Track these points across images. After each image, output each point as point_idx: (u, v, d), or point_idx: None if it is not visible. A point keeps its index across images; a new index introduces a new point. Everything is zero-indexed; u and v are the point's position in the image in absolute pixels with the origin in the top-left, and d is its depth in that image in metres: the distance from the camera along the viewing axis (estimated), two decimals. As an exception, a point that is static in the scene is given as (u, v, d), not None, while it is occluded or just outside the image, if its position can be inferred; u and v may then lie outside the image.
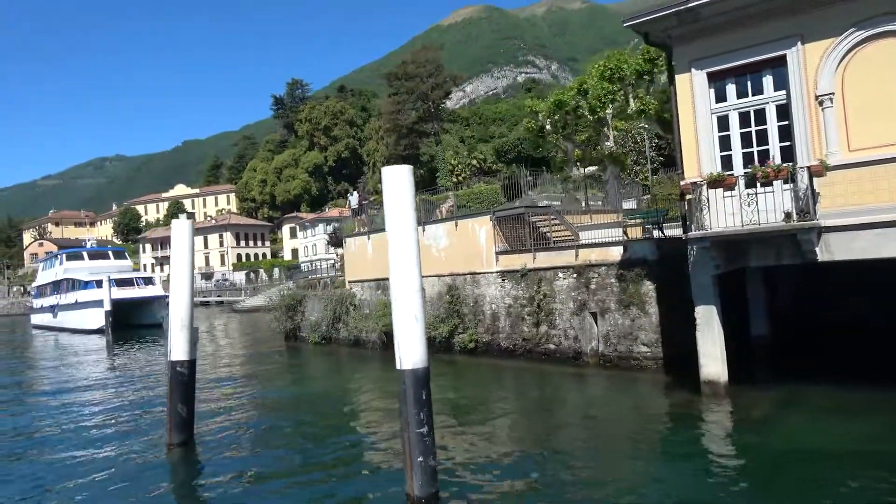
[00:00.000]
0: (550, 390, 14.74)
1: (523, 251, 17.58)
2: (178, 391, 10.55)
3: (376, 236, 22.62)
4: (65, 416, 14.04)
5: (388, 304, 21.51)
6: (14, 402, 16.77)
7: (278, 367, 21.57)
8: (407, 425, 7.26)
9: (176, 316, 10.72)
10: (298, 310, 26.31)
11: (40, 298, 52.29)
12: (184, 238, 11.02)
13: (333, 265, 58.19)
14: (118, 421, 13.40)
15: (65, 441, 11.73)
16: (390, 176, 7.71)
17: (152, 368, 22.30)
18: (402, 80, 67.13)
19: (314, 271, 53.27)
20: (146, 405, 14.98)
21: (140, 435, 11.94)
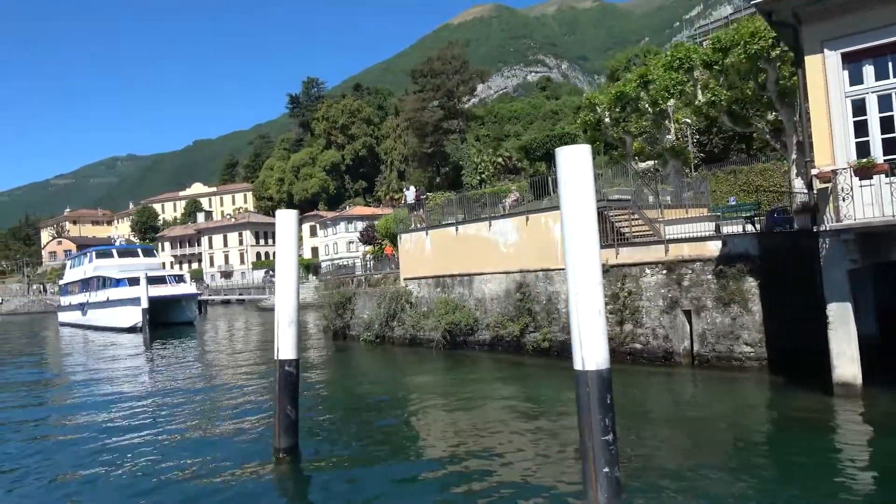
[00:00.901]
0: (640, 392, 14.02)
1: (605, 246, 16.79)
2: (286, 392, 9.89)
3: (435, 232, 21.96)
4: (150, 421, 13.35)
5: (450, 302, 20.99)
6: (91, 407, 15.45)
7: (341, 365, 20.95)
8: (590, 432, 6.56)
9: (283, 312, 10.08)
10: (348, 308, 25.68)
11: (68, 296, 52.00)
12: (289, 229, 10.38)
13: (365, 264, 57.69)
14: (211, 425, 12.65)
15: (159, 447, 11.08)
16: (568, 157, 6.98)
17: (216, 369, 21.73)
18: (428, 77, 66.45)
19: (347, 268, 52.39)
20: (233, 407, 14.29)
21: (240, 438, 11.30)
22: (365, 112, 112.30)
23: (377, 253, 64.66)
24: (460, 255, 20.81)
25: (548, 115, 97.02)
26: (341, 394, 15.88)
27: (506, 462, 9.26)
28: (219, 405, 14.63)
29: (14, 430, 13.13)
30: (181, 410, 14.15)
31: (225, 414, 13.62)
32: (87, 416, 14.06)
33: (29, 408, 15.79)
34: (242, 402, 14.76)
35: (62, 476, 9.71)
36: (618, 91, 23.80)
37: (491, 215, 20.12)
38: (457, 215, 21.60)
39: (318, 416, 13.12)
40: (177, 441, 11.39)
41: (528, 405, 13.16)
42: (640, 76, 24.11)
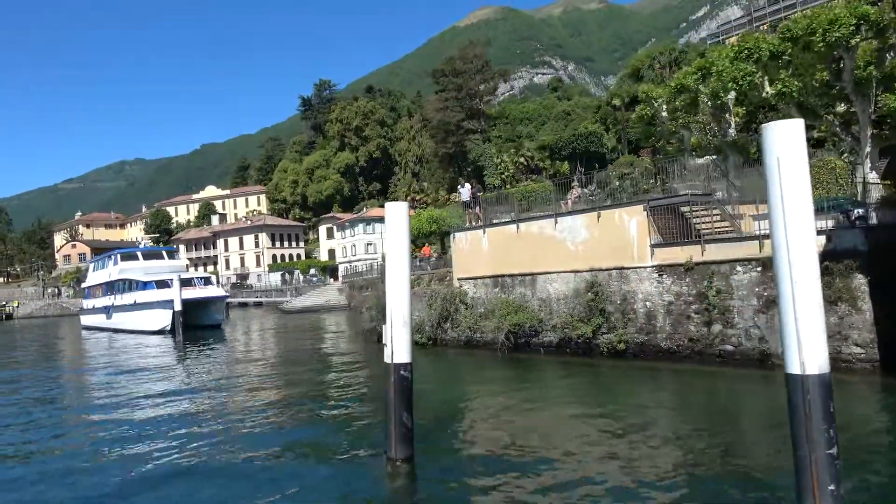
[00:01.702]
0: (734, 396, 13.27)
1: (688, 243, 16.04)
2: (401, 398, 9.15)
3: (493, 230, 21.20)
4: (240, 428, 12.56)
5: (511, 303, 20.23)
6: (170, 416, 14.15)
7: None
8: (811, 444, 5.77)
9: (397, 311, 9.36)
10: (395, 309, 24.89)
11: (91, 299, 51.46)
12: (401, 223, 9.67)
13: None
14: (304, 437, 11.79)
15: (257, 459, 10.31)
16: (782, 135, 6.16)
17: (274, 375, 21.01)
18: (449, 77, 65.76)
19: (364, 271, 51.94)
20: (316, 416, 13.51)
21: (342, 449, 10.54)
22: (378, 114, 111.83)
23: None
24: (521, 254, 20.05)
25: (560, 116, 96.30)
26: (423, 400, 15.06)
27: (644, 476, 8.46)
28: (300, 415, 13.82)
29: (104, 448, 12.42)
30: (265, 423, 13.15)
31: (314, 424, 12.82)
32: (167, 429, 13.16)
33: (99, 417, 15.07)
34: (326, 410, 14.01)
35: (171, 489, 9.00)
36: (677, 84, 23.01)
37: (557, 212, 19.32)
38: (517, 213, 20.83)
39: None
40: (278, 455, 10.53)
41: (632, 408, 12.41)
42: (698, 68, 23.30)
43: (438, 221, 37.62)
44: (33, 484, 9.45)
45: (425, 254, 35.85)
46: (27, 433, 13.05)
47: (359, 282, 48.34)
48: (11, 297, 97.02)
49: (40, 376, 23.34)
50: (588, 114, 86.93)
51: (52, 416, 14.87)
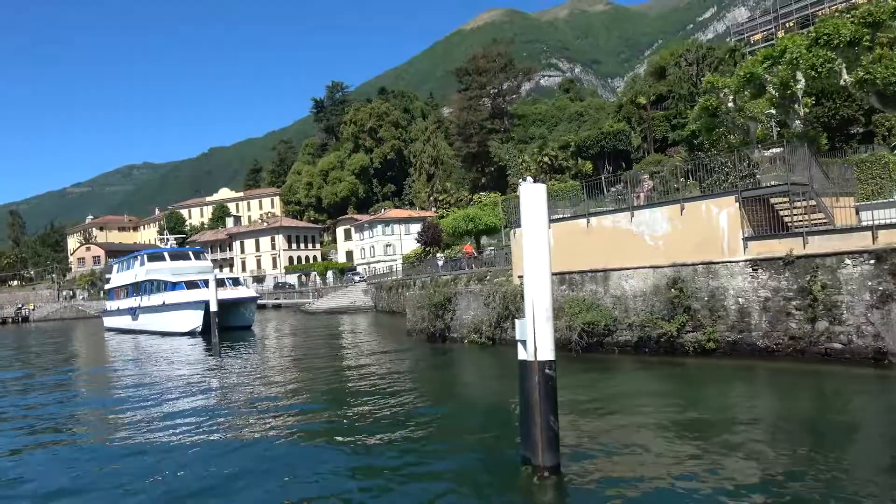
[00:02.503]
0: (845, 396, 12.39)
1: (788, 235, 15.16)
2: (547, 400, 8.31)
3: (559, 225, 20.31)
4: (353, 442, 11.70)
5: (580, 301, 19.35)
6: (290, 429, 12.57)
7: (483, 370, 19.28)
8: None
9: (539, 303, 8.54)
10: (448, 308, 24.09)
11: (116, 301, 50.81)
12: (539, 206, 8.88)
13: (415, 263, 56.07)
14: (424, 443, 10.97)
15: (383, 475, 9.49)
16: None
17: (342, 375, 20.17)
18: (473, 76, 64.94)
19: (386, 272, 50.82)
20: (429, 420, 12.63)
21: (471, 458, 9.68)
22: (393, 115, 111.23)
23: (423, 254, 63.10)
24: (592, 250, 19.18)
25: (573, 117, 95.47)
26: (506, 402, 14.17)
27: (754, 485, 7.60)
28: (414, 425, 12.80)
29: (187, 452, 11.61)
30: (374, 435, 12.16)
31: (433, 433, 11.86)
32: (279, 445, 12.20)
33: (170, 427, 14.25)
34: (433, 416, 13.11)
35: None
36: (746, 72, 22.14)
37: (633, 205, 18.46)
38: (587, 206, 19.95)
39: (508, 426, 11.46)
40: (403, 469, 9.67)
41: (732, 409, 11.59)
42: (766, 56, 22.44)
43: (475, 220, 36.72)
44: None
45: (467, 252, 34.96)
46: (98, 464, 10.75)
47: (387, 282, 47.51)
48: (26, 299, 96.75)
49: (96, 385, 22.57)
50: (602, 114, 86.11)
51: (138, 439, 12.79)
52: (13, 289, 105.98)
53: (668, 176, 51.33)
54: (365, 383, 17.35)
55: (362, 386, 17.00)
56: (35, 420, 15.13)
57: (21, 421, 15.07)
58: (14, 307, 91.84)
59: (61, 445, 12.31)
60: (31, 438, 13.12)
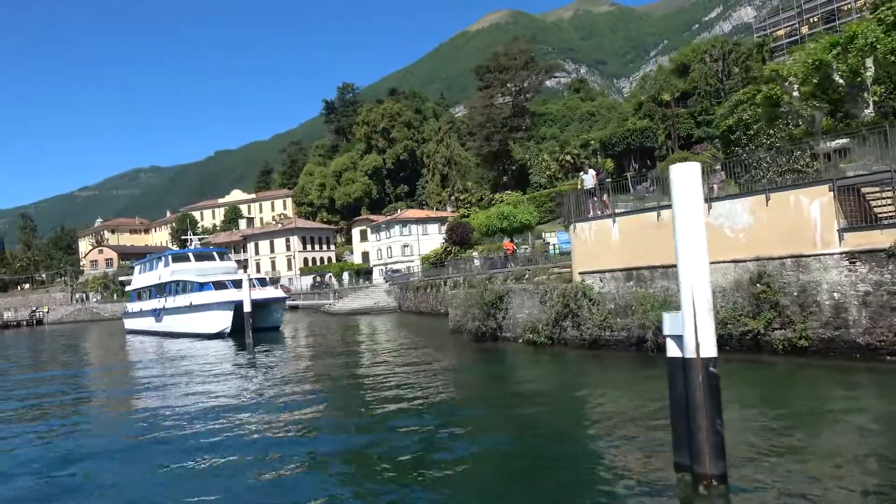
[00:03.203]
0: None
1: (892, 226, 14.26)
2: (712, 401, 7.46)
3: (625, 219, 19.48)
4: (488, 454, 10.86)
5: (651, 297, 18.49)
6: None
7: (548, 373, 18.38)
8: None
9: (700, 294, 7.69)
10: (500, 307, 23.24)
11: (138, 302, 50.14)
12: (694, 190, 8.01)
13: (436, 263, 55.28)
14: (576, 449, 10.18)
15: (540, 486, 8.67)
16: None
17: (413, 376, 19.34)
18: (495, 73, 64.13)
19: (407, 273, 49.95)
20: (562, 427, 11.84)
21: (621, 466, 8.86)
22: (405, 116, 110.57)
23: (444, 254, 62.20)
24: (663, 244, 18.24)
25: (584, 117, 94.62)
26: (613, 407, 13.33)
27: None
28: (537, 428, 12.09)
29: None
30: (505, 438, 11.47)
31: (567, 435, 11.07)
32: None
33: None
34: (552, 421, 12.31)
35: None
36: (814, 60, 21.23)
37: (710, 197, 17.57)
38: (659, 199, 19.10)
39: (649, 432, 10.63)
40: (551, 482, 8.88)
41: (835, 413, 10.67)
42: (833, 43, 21.53)
43: (509, 218, 35.86)
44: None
45: (508, 249, 34.12)
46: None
47: (414, 283, 46.70)
48: (40, 302, 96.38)
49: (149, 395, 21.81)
50: (613, 114, 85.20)
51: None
52: (26, 292, 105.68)
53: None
54: (439, 386, 16.53)
55: (439, 390, 16.17)
56: (86, 425, 14.40)
57: (72, 427, 14.31)
58: (28, 310, 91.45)
59: (120, 454, 11.56)
60: (83, 443, 12.38)
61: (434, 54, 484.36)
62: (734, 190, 21.44)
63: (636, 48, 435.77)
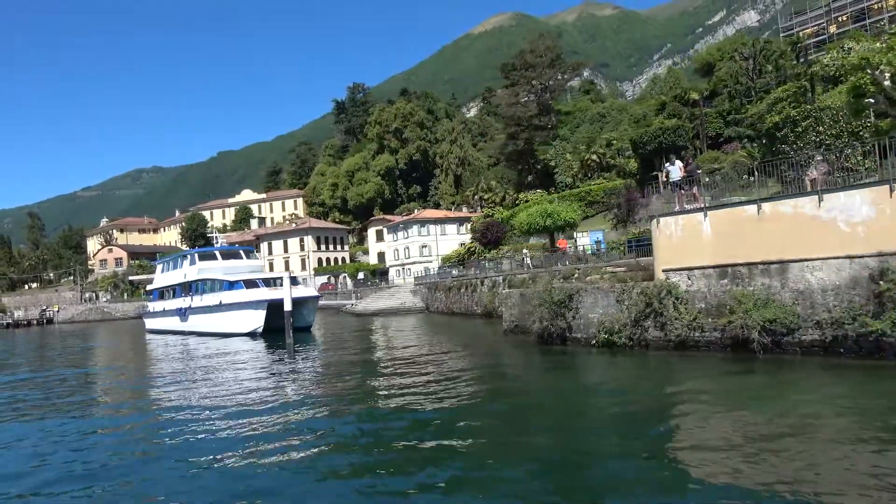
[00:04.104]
0: None
1: None
2: None
3: (718, 213, 18.32)
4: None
5: (750, 296, 17.35)
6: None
7: (653, 380, 17.22)
8: None
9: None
10: (569, 307, 22.07)
11: (161, 301, 48.94)
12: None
13: (459, 263, 54.18)
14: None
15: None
16: None
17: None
18: (522, 71, 63.06)
19: (430, 273, 48.72)
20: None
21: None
22: (418, 116, 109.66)
23: (467, 254, 61.05)
24: (764, 239, 17.17)
25: (595, 118, 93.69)
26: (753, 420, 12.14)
27: None
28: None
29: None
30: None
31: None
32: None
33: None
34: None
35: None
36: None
37: (821, 188, 16.45)
38: (758, 191, 17.98)
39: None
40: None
41: None
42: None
43: (552, 216, 34.73)
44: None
45: (562, 247, 32.95)
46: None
47: (446, 283, 45.54)
48: (49, 301, 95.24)
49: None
50: (624, 115, 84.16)
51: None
52: (34, 290, 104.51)
53: (730, 172, 48.92)
54: (525, 396, 15.40)
55: (527, 402, 15.04)
56: (134, 430, 13.26)
57: (117, 435, 13.16)
58: (38, 309, 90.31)
59: (179, 461, 10.47)
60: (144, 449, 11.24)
61: (438, 56, 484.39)
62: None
63: (639, 51, 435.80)
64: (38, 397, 19.03)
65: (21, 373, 26.34)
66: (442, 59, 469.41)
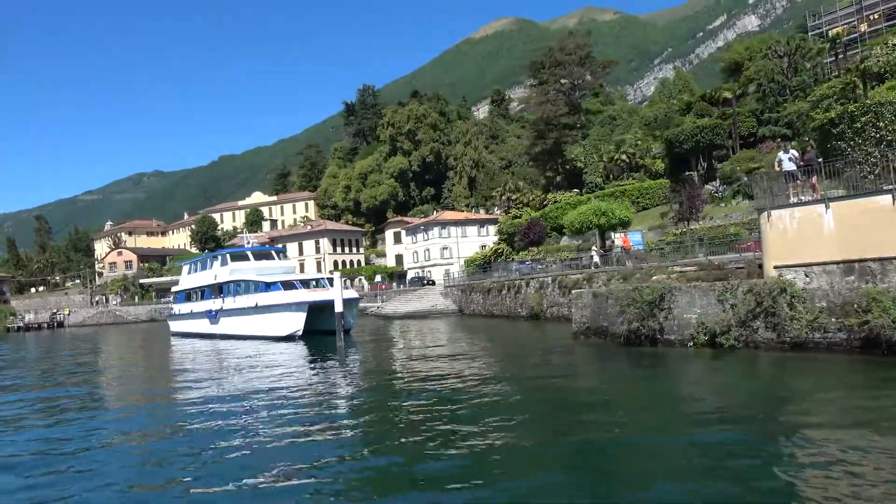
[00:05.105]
0: None
1: None
2: None
3: (843, 205, 16.98)
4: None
5: (884, 293, 15.98)
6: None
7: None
8: None
9: None
10: (662, 307, 20.69)
11: (188, 303, 47.41)
12: None
13: (486, 264, 52.79)
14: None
15: None
16: None
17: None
18: (552, 69, 61.81)
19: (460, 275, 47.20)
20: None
21: None
22: (431, 117, 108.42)
23: (494, 256, 59.61)
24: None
25: (605, 121, 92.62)
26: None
27: None
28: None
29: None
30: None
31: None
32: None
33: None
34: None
35: None
36: None
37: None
38: (882, 182, 16.62)
39: None
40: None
41: None
42: None
43: (606, 214, 33.38)
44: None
45: (626, 245, 31.54)
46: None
47: (484, 285, 44.12)
48: (59, 304, 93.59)
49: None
50: (634, 118, 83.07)
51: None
52: (42, 293, 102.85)
53: (771, 171, 47.46)
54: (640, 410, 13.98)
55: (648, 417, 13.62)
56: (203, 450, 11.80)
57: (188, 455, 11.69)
58: (48, 312, 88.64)
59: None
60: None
61: (439, 61, 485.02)
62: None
63: (640, 56, 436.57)
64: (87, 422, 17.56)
65: (51, 389, 24.79)
66: (443, 64, 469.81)
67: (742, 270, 24.79)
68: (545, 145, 62.74)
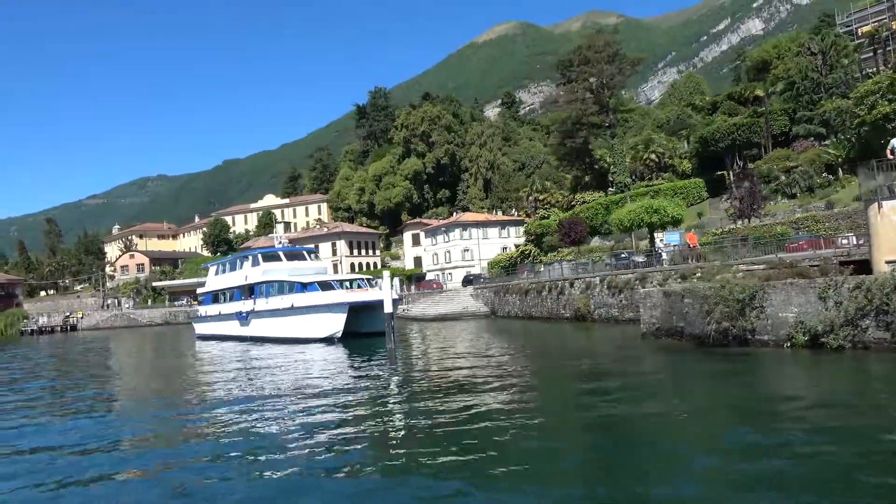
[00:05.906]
0: None
1: None
2: None
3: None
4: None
5: None
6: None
7: None
8: None
9: None
10: (753, 305, 19.47)
11: (215, 305, 46.22)
12: None
13: (511, 266, 51.53)
14: None
15: None
16: None
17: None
18: (581, 66, 60.74)
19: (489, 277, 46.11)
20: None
21: None
22: (445, 119, 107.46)
23: (520, 257, 58.36)
24: None
25: (619, 122, 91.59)
26: None
27: None
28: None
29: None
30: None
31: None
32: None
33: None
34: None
35: None
36: None
37: None
38: None
39: None
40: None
41: None
42: None
43: (660, 211, 32.17)
44: None
45: (692, 243, 30.31)
46: None
47: (522, 286, 42.91)
48: (71, 307, 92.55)
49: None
50: (647, 120, 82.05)
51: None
52: (53, 297, 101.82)
53: (808, 169, 45.96)
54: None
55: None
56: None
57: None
58: (61, 315, 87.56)
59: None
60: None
61: (443, 65, 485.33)
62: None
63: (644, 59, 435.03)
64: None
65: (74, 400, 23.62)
66: (448, 68, 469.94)
67: (817, 269, 23.59)
68: (574, 144, 61.64)
